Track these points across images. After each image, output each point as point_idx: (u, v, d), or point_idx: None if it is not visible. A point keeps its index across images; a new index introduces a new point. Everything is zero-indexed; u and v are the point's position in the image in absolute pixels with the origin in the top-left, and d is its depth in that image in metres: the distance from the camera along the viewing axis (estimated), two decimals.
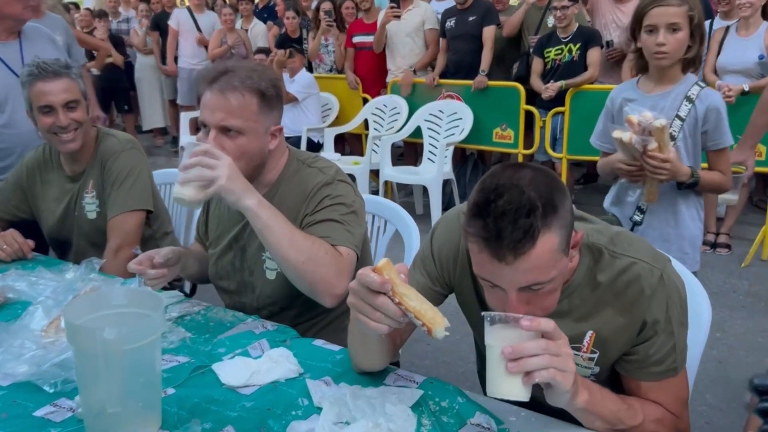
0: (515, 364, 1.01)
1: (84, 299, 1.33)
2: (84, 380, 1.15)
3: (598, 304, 1.26)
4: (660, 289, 1.22)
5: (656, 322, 1.22)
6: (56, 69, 2.05)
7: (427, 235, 1.46)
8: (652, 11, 2.05)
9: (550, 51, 4.95)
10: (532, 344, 1.02)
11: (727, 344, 3.26)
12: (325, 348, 1.51)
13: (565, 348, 1.05)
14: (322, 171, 1.70)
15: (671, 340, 1.24)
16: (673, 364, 1.25)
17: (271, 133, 1.65)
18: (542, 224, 1.04)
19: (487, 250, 1.05)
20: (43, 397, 1.32)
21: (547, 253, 1.06)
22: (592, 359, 1.28)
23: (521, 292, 1.10)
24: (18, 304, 1.74)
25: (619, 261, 1.24)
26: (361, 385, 1.32)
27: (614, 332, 1.25)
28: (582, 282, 1.26)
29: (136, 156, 2.19)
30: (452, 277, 1.40)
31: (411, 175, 5.27)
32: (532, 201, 1.03)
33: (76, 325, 1.10)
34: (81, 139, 2.12)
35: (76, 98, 2.08)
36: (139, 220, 2.16)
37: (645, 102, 2.15)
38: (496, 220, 1.03)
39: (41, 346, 1.45)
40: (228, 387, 1.34)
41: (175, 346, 1.52)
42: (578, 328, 1.27)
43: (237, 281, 1.79)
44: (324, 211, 1.62)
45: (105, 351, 1.08)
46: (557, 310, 1.26)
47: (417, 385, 1.33)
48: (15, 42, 2.61)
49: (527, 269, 1.06)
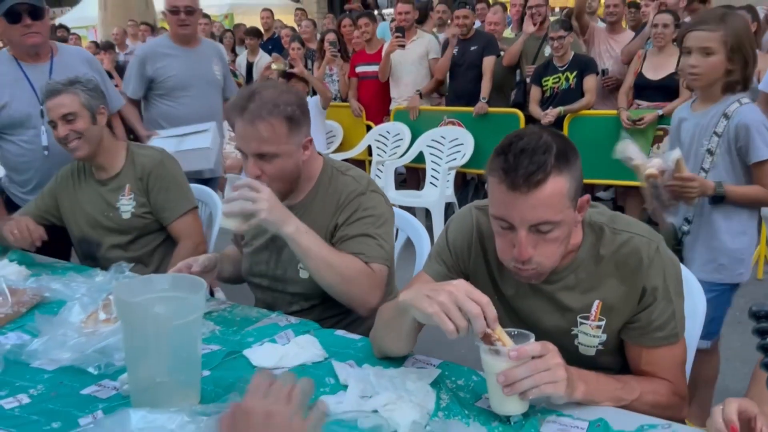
0: (509, 389, 1.18)
1: (129, 284, 1.44)
2: (133, 354, 1.26)
3: (602, 276, 1.39)
4: (657, 259, 1.36)
5: (655, 288, 1.36)
6: (57, 87, 2.25)
7: (442, 230, 1.60)
8: (689, 35, 2.19)
9: (548, 79, 5.12)
10: (521, 369, 1.17)
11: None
12: (347, 337, 1.62)
13: (553, 360, 1.20)
14: (356, 180, 1.82)
15: (670, 306, 1.37)
16: (674, 330, 1.38)
17: (302, 146, 1.76)
18: (555, 165, 1.22)
19: (505, 182, 1.23)
20: (88, 378, 1.42)
21: (558, 195, 1.24)
22: (600, 327, 1.41)
23: (530, 233, 1.26)
24: (54, 303, 1.84)
25: (619, 236, 1.39)
26: (383, 367, 1.43)
27: (618, 300, 1.38)
28: (586, 257, 1.40)
29: (175, 163, 2.40)
30: (467, 264, 1.53)
31: (414, 199, 5.40)
32: (548, 143, 1.24)
33: (129, 302, 1.22)
34: (88, 146, 2.28)
35: (73, 110, 2.24)
36: (197, 218, 2.39)
37: (692, 119, 2.31)
38: (515, 155, 1.23)
39: (82, 334, 1.56)
40: (259, 369, 1.44)
41: (206, 336, 1.62)
42: (586, 299, 1.40)
43: (270, 278, 1.90)
44: (357, 225, 1.75)
45: (155, 325, 1.19)
46: (565, 284, 1.41)
47: (434, 366, 1.43)
48: (45, 64, 2.75)
49: (538, 204, 1.23)
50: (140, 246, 2.35)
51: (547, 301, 1.43)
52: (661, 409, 1.31)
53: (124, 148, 2.40)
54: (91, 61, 2.93)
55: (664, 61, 4.70)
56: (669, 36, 4.63)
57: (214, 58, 3.77)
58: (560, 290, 1.42)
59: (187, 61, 3.60)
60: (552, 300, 1.42)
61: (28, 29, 2.65)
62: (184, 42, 3.64)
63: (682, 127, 2.35)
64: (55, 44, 2.87)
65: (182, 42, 3.64)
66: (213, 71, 3.70)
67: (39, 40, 2.70)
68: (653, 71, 4.73)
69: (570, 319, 1.42)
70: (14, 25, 2.63)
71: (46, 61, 2.74)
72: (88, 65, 2.88)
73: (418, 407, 1.24)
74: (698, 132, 2.28)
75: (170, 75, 3.55)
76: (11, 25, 2.64)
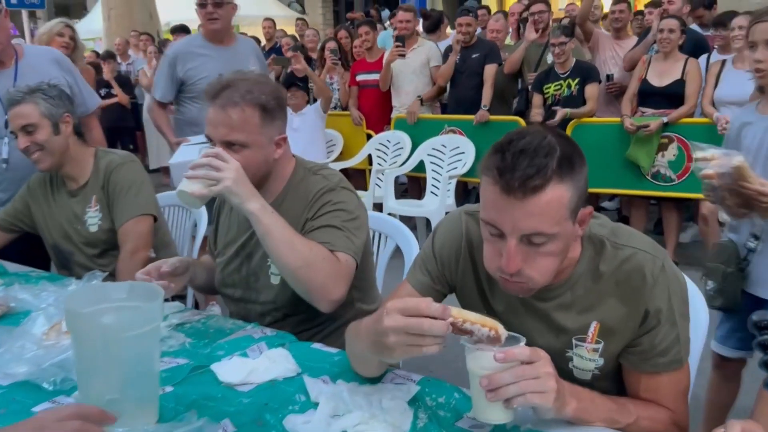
0: (493, 394, 1.05)
1: (84, 292, 1.35)
2: (83, 369, 1.16)
3: (602, 295, 1.27)
4: (662, 278, 1.23)
5: (659, 311, 1.23)
6: (17, 96, 2.14)
7: (429, 235, 1.48)
8: (754, 27, 1.99)
9: (550, 87, 5.03)
10: (507, 374, 1.05)
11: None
12: (323, 350, 1.52)
13: (544, 368, 1.07)
14: (326, 178, 1.73)
15: (675, 330, 1.25)
16: (678, 356, 1.25)
17: (275, 143, 1.69)
18: (557, 171, 1.09)
19: (499, 183, 1.10)
20: (42, 394, 1.33)
21: (556, 205, 1.10)
22: (597, 350, 1.29)
23: (521, 243, 1.13)
24: (20, 313, 1.76)
25: (621, 251, 1.26)
26: (359, 383, 1.33)
27: (618, 322, 1.26)
28: (584, 272, 1.28)
29: (137, 168, 2.27)
30: (454, 275, 1.41)
31: (414, 208, 5.31)
32: (551, 145, 1.10)
33: (77, 311, 1.12)
34: (50, 158, 2.18)
35: (32, 121, 2.13)
36: (149, 226, 2.22)
37: (759, 123, 2.07)
38: (514, 155, 1.09)
39: (42, 347, 1.47)
40: (226, 385, 1.35)
41: (174, 349, 1.53)
42: (582, 320, 1.28)
43: (242, 288, 1.82)
44: (325, 217, 1.65)
45: (104, 337, 1.09)
46: (561, 302, 1.28)
47: (414, 383, 1.33)
48: (9, 69, 2.63)
49: (533, 213, 1.09)
50: (110, 260, 2.24)
51: (540, 320, 1.31)
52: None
53: (92, 155, 2.29)
54: (60, 61, 2.80)
55: (670, 67, 4.60)
56: (675, 41, 4.54)
57: (252, 57, 3.49)
58: (555, 309, 1.30)
59: (221, 61, 3.30)
60: (546, 319, 1.30)
61: None
62: (217, 40, 3.39)
63: (746, 132, 2.09)
64: (20, 47, 2.74)
65: (215, 40, 3.39)
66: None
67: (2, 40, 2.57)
68: (658, 78, 4.62)
69: (565, 341, 1.30)
70: None
71: (9, 67, 2.64)
72: (57, 65, 2.75)
73: (391, 427, 1.14)
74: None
75: (202, 77, 3.31)
76: None
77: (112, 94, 7.53)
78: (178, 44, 3.81)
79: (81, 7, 19.43)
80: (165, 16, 11.45)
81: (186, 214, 2.67)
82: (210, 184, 1.51)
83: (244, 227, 1.79)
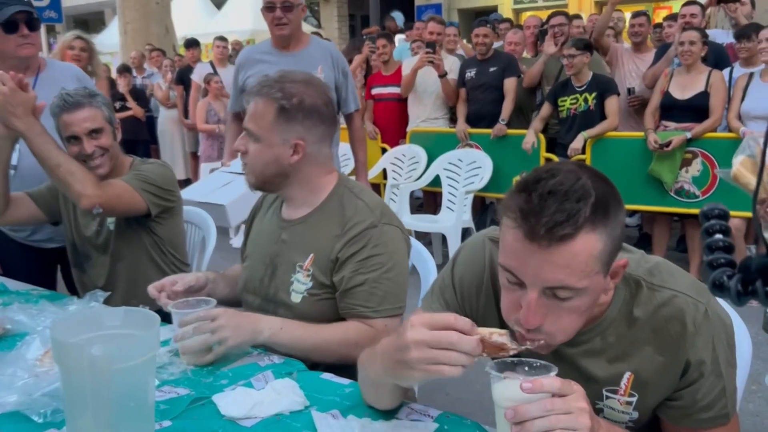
0: (519, 428, 0.92)
1: (74, 318, 1.26)
2: (71, 402, 1.07)
3: (636, 342, 1.14)
4: (705, 325, 1.10)
5: (702, 362, 1.10)
6: (78, 99, 2.11)
7: (449, 261, 1.37)
8: None
9: (566, 100, 4.91)
10: (535, 406, 0.92)
11: (764, 397, 3.08)
12: (333, 381, 1.41)
13: (577, 403, 0.94)
14: (370, 208, 1.64)
15: (720, 382, 1.11)
16: (724, 410, 1.12)
17: (291, 146, 1.62)
18: (590, 219, 0.96)
19: (522, 227, 0.97)
20: (32, 427, 1.23)
21: (586, 256, 0.97)
22: (630, 403, 1.16)
23: (543, 296, 1.00)
24: (17, 335, 1.67)
25: (658, 294, 1.12)
26: (371, 419, 1.22)
27: (654, 373, 1.13)
28: (617, 317, 1.14)
29: (166, 170, 2.25)
30: (474, 309, 1.28)
31: (430, 224, 5.20)
32: (586, 189, 0.97)
33: (63, 342, 1.03)
34: (109, 164, 2.16)
35: (99, 126, 2.12)
36: (128, 194, 2.12)
37: None
38: (542, 196, 0.96)
39: (33, 374, 1.38)
40: (228, 418, 1.25)
41: (175, 377, 1.43)
42: (614, 369, 1.15)
43: (262, 297, 1.75)
44: (362, 272, 1.59)
45: (92, 370, 1.00)
46: (590, 348, 1.16)
47: (432, 419, 1.22)
48: (30, 79, 2.60)
49: (559, 264, 0.97)
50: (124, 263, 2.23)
51: (567, 367, 1.16)
52: None
53: (130, 164, 2.27)
54: (81, 78, 2.79)
55: (693, 79, 4.49)
56: (697, 53, 4.42)
57: (321, 65, 3.19)
58: (583, 355, 1.16)
59: (279, 68, 3.21)
60: (573, 365, 1.17)
61: (24, 40, 2.52)
62: (283, 45, 3.17)
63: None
64: (43, 59, 2.74)
65: (281, 45, 3.17)
66: None
67: (33, 52, 2.57)
68: (681, 90, 4.51)
69: (595, 391, 1.16)
70: (10, 35, 2.48)
71: (31, 76, 2.61)
72: (77, 82, 2.74)
73: None
74: None
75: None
76: (6, 35, 2.48)
77: (126, 107, 7.52)
78: (244, 51, 3.63)
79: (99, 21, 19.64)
80: (181, 30, 11.51)
81: (195, 230, 2.60)
82: (209, 349, 1.48)
83: (275, 235, 1.74)
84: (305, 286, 1.65)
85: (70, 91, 2.15)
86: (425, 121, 5.72)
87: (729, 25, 5.42)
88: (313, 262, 1.64)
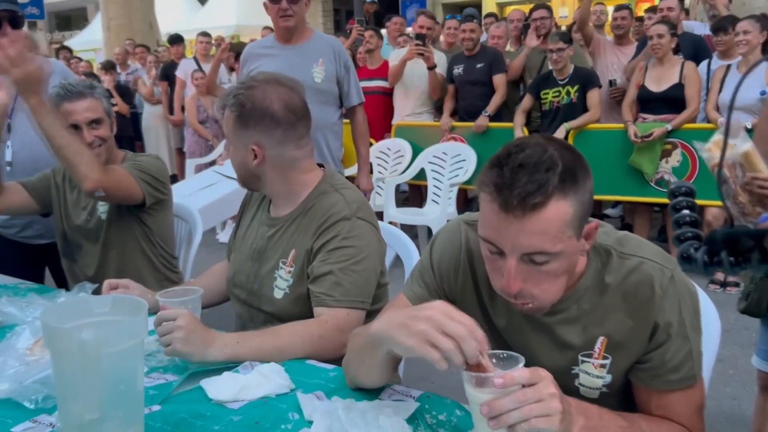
0: (495, 422, 0.97)
1: (64, 306, 1.29)
2: (62, 387, 1.10)
3: (608, 308, 1.20)
4: (671, 289, 1.17)
5: (669, 324, 1.17)
6: (80, 89, 2.17)
7: (427, 246, 1.42)
8: None
9: (548, 93, 4.98)
10: (508, 400, 0.96)
11: (741, 381, 3.15)
12: (317, 366, 1.45)
13: (546, 390, 0.98)
14: (347, 201, 1.66)
15: (687, 345, 1.18)
16: (691, 372, 1.19)
17: (250, 151, 1.66)
18: (559, 187, 1.03)
19: (497, 200, 1.04)
20: (23, 413, 1.26)
21: (558, 221, 1.04)
22: (604, 366, 1.22)
23: (521, 262, 1.07)
24: (6, 327, 1.70)
25: (628, 261, 1.20)
26: (355, 399, 1.26)
27: (626, 336, 1.20)
28: (590, 285, 1.21)
29: (159, 162, 2.30)
30: (453, 288, 1.35)
31: (415, 216, 5.26)
32: (553, 159, 1.03)
33: (53, 327, 1.06)
34: (105, 155, 2.21)
35: (99, 116, 2.18)
36: (127, 181, 2.15)
37: None
38: (513, 169, 1.03)
39: (24, 363, 1.40)
40: (216, 402, 1.28)
41: (163, 364, 1.47)
42: (589, 335, 1.22)
43: (248, 291, 1.78)
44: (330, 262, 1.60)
45: (82, 354, 1.03)
46: (566, 316, 1.22)
47: (413, 399, 1.27)
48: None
49: (533, 231, 1.03)
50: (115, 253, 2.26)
51: (544, 336, 1.25)
52: None
53: (122, 158, 2.31)
54: (65, 74, 2.81)
55: (666, 72, 4.59)
56: (666, 46, 4.53)
57: (321, 58, 3.14)
58: (559, 323, 1.23)
59: (283, 62, 3.02)
60: (550, 334, 1.24)
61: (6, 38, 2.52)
62: (286, 38, 3.12)
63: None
64: None
65: (284, 38, 3.13)
66: (311, 74, 3.09)
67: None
68: (656, 83, 4.61)
69: (570, 357, 1.23)
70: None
71: None
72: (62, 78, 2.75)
73: None
74: None
75: None
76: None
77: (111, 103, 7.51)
78: (249, 45, 3.57)
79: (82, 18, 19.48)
80: (165, 26, 11.47)
81: (181, 224, 2.62)
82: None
83: (263, 230, 1.78)
84: (287, 282, 1.68)
85: (72, 81, 2.21)
86: (410, 115, 5.77)
87: (708, 17, 5.51)
88: (294, 258, 1.67)
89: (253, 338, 1.50)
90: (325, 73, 3.15)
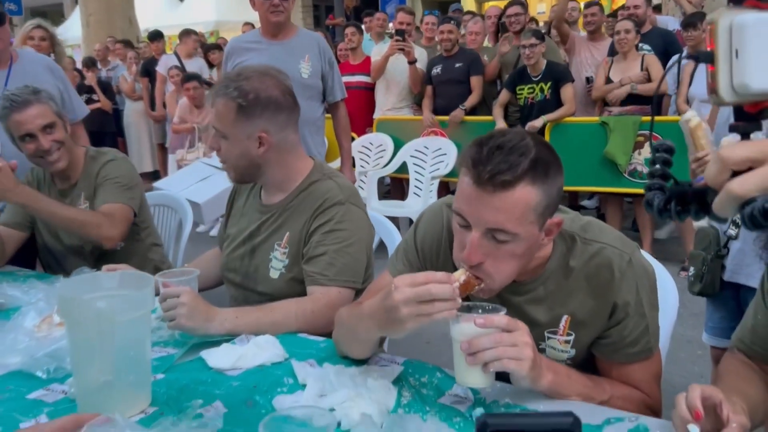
0: (472, 358, 1.11)
1: (76, 281, 1.39)
2: (77, 353, 1.20)
3: (572, 289, 1.32)
4: (629, 272, 1.29)
5: (627, 304, 1.29)
6: (25, 98, 2.13)
7: (411, 226, 1.53)
8: None
9: (523, 89, 5.09)
10: (486, 339, 1.11)
11: (708, 360, 3.30)
12: (309, 339, 1.56)
13: (522, 338, 1.13)
14: (340, 186, 1.76)
15: (643, 321, 1.30)
16: (648, 345, 1.31)
17: (255, 139, 1.71)
18: (529, 173, 1.13)
19: (471, 174, 1.15)
20: (36, 382, 1.36)
21: (523, 205, 1.15)
22: (568, 342, 1.34)
23: (485, 237, 1.17)
24: (10, 310, 1.78)
25: (590, 247, 1.31)
26: (344, 365, 1.38)
27: (587, 315, 1.32)
28: (556, 268, 1.33)
29: (129, 165, 2.32)
30: (434, 266, 1.45)
31: (397, 209, 5.37)
32: (528, 147, 1.15)
33: (72, 298, 1.16)
34: (66, 157, 2.22)
35: (51, 121, 2.16)
36: (127, 213, 2.23)
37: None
38: (490, 149, 1.14)
39: (33, 339, 1.50)
40: (216, 370, 1.39)
41: (164, 339, 1.57)
42: (554, 313, 1.34)
43: (242, 275, 1.86)
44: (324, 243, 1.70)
45: (98, 321, 1.13)
46: (534, 296, 1.34)
47: (398, 364, 1.38)
48: (2, 71, 2.64)
49: (499, 208, 1.14)
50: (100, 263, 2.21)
51: (514, 313, 1.32)
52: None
53: (84, 154, 2.33)
54: (53, 69, 2.82)
55: (629, 65, 4.86)
56: (631, 41, 4.78)
57: (307, 54, 3.19)
58: (528, 303, 1.35)
59: (267, 56, 3.03)
60: (519, 312, 1.34)
61: None
62: (273, 33, 3.14)
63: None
64: (15, 51, 2.77)
65: (271, 33, 3.15)
66: (299, 70, 3.12)
67: (1, 47, 2.61)
68: (620, 76, 4.85)
69: (538, 333, 1.34)
70: None
71: (3, 69, 2.65)
72: (51, 73, 2.78)
73: (376, 404, 1.19)
74: None
75: None
76: None
77: (93, 99, 7.52)
78: (233, 39, 3.62)
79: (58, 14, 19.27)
80: (144, 22, 11.43)
81: (171, 214, 2.70)
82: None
83: (254, 216, 1.86)
84: (282, 263, 1.78)
85: (14, 90, 2.17)
86: (391, 110, 5.88)
87: (680, 13, 5.68)
88: (289, 240, 1.76)
89: (250, 313, 1.60)
90: (311, 69, 3.22)
